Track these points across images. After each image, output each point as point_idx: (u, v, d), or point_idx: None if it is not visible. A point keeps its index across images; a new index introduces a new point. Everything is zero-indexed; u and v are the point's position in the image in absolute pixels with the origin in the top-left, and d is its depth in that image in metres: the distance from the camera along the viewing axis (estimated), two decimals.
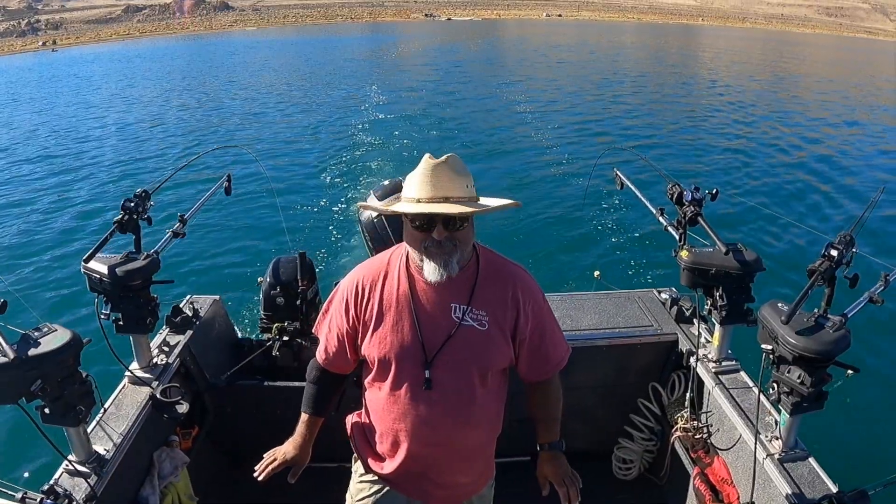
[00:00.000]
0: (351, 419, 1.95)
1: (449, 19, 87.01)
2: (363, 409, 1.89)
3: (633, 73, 27.86)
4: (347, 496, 1.97)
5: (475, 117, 16.61)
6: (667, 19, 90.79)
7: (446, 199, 1.55)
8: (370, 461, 1.87)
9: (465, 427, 1.73)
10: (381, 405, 1.76)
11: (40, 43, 61.81)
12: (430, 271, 1.60)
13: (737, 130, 14.95)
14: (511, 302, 1.70)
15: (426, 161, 1.60)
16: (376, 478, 1.87)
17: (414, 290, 1.68)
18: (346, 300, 1.75)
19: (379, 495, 1.87)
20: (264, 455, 1.87)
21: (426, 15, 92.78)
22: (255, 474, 1.82)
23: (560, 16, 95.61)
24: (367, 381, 1.81)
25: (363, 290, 1.73)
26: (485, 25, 73.45)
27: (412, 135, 14.43)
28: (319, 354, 1.88)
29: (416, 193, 1.57)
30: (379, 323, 1.69)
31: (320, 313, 1.88)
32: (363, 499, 1.89)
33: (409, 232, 1.63)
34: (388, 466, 1.81)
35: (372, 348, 1.71)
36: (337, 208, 9.24)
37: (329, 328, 1.83)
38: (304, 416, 1.91)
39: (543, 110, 17.62)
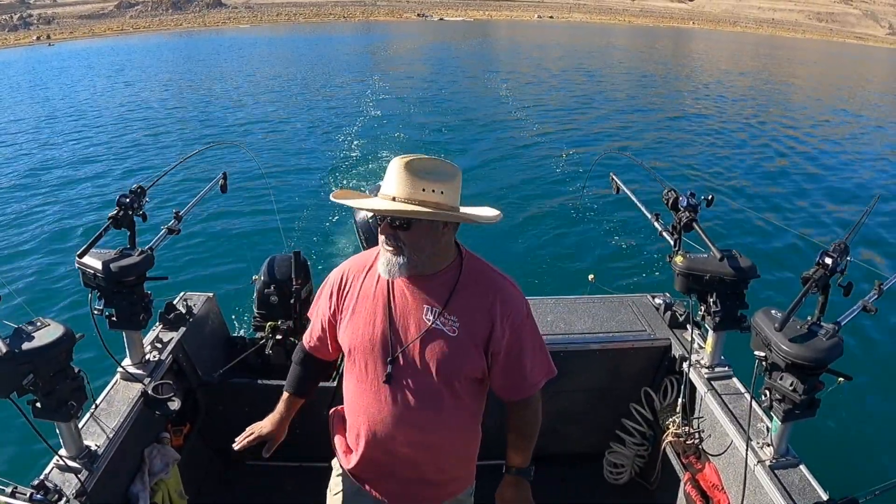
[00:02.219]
0: (333, 413, 1.97)
1: (441, 19, 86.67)
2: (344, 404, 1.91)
3: (627, 76, 27.95)
4: (327, 490, 2.00)
5: (469, 119, 16.54)
6: (658, 22, 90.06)
7: (393, 199, 1.54)
8: (341, 455, 1.88)
9: (424, 429, 1.69)
10: (350, 398, 1.78)
11: (35, 37, 60.90)
12: (379, 266, 1.64)
13: (732, 137, 14.99)
14: (488, 313, 1.64)
15: (395, 161, 1.60)
16: (348, 475, 1.88)
17: (392, 287, 1.68)
18: (332, 289, 1.79)
19: (349, 492, 1.89)
20: (245, 429, 1.97)
21: (419, 15, 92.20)
22: (234, 445, 1.94)
23: (552, 17, 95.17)
24: (344, 374, 1.83)
25: (347, 280, 1.76)
26: (477, 26, 73.30)
27: (408, 134, 14.39)
28: (306, 338, 1.94)
29: (382, 191, 1.59)
30: (354, 313, 1.72)
31: (315, 298, 1.93)
32: (335, 494, 1.93)
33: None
34: (352, 460, 1.82)
35: (345, 337, 1.74)
36: (332, 207, 9.20)
37: (316, 314, 1.88)
38: (284, 395, 2.00)
39: (537, 113, 17.60)
